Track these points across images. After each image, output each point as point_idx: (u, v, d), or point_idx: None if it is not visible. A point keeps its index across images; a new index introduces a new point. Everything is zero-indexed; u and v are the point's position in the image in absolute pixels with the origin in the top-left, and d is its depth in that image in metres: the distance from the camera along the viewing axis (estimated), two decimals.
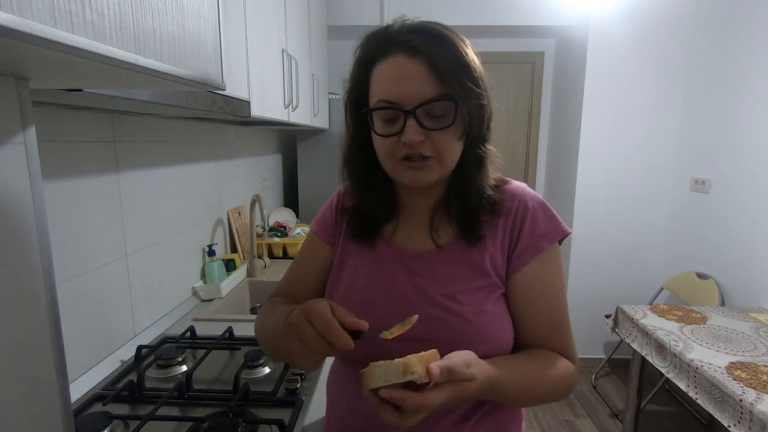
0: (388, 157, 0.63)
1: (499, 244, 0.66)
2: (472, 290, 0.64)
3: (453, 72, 0.58)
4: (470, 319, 0.62)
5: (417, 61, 0.57)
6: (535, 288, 0.65)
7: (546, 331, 0.66)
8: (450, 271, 0.65)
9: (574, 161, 2.65)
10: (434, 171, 0.62)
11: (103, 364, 1.03)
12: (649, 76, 2.51)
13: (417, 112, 0.58)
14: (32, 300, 0.44)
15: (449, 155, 0.62)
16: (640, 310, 1.88)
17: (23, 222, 0.43)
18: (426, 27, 0.60)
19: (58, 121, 0.91)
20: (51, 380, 0.47)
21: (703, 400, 1.39)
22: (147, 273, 1.22)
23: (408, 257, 0.68)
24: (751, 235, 2.04)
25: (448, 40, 0.59)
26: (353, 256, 0.72)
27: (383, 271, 0.69)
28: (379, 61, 0.61)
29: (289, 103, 1.60)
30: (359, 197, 0.71)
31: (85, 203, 0.98)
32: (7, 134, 0.41)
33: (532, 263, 0.65)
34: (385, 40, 0.61)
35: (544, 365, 0.63)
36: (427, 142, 0.59)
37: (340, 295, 0.70)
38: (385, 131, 0.61)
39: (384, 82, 0.60)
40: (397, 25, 0.61)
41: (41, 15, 0.26)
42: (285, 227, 2.19)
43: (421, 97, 0.58)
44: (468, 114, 0.59)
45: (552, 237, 0.65)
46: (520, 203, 0.67)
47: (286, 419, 0.83)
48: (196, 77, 0.48)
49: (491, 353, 0.61)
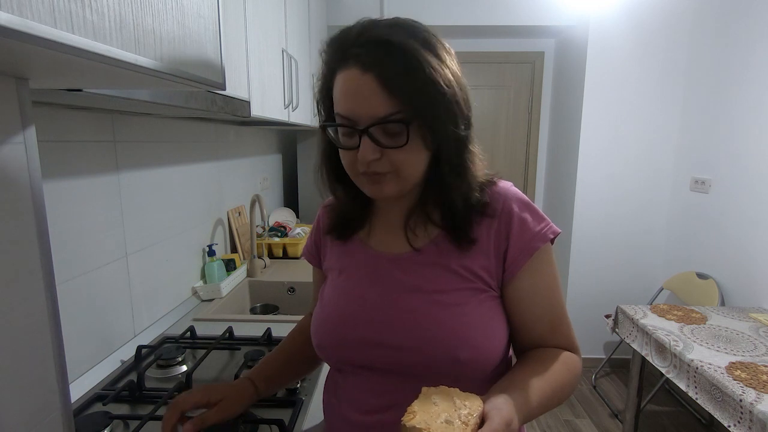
0: (349, 169, 0.62)
1: (490, 248, 0.64)
2: (454, 291, 0.62)
3: (402, 89, 0.54)
4: (450, 323, 0.60)
5: (369, 77, 0.54)
6: (535, 290, 0.64)
7: (549, 330, 0.66)
8: (428, 274, 0.64)
9: (574, 161, 2.65)
10: (393, 185, 0.60)
11: (103, 364, 1.03)
12: (649, 76, 2.51)
13: (371, 130, 0.56)
14: (32, 300, 0.44)
15: (408, 170, 0.59)
16: (640, 310, 1.88)
17: (23, 222, 0.43)
18: (380, 37, 0.55)
19: (58, 121, 0.91)
20: (51, 380, 0.47)
21: (703, 400, 1.39)
22: (147, 273, 1.22)
23: (386, 260, 0.67)
24: (751, 235, 2.04)
25: (405, 51, 0.54)
26: (334, 266, 0.73)
27: (361, 274, 0.68)
28: (338, 71, 0.58)
29: (289, 103, 1.60)
30: (334, 197, 0.72)
31: (85, 203, 0.98)
32: (7, 134, 0.41)
33: (528, 265, 0.63)
34: (341, 50, 0.57)
35: (558, 372, 0.62)
36: (383, 158, 0.57)
37: (323, 306, 0.70)
38: (345, 143, 0.60)
39: (340, 96, 0.57)
40: (354, 31, 0.57)
41: (41, 15, 0.26)
42: (285, 227, 2.19)
43: (373, 116, 0.55)
44: (427, 130, 0.56)
45: (544, 237, 0.64)
46: (505, 206, 0.64)
47: (286, 419, 0.83)
48: (196, 77, 0.48)
49: (473, 358, 0.59)
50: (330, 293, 0.70)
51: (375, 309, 0.64)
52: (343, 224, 0.71)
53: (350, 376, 0.68)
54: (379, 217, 0.71)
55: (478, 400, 0.51)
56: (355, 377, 0.67)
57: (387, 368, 0.63)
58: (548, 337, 0.66)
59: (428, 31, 0.59)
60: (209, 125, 1.63)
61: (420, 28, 0.58)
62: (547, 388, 0.59)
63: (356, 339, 0.64)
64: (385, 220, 0.70)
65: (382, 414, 0.64)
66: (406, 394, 0.60)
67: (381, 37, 0.55)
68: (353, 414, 0.66)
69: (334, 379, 0.74)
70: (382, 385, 0.64)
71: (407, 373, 0.62)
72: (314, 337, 0.69)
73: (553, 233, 0.65)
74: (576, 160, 2.63)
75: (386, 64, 0.54)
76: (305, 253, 0.82)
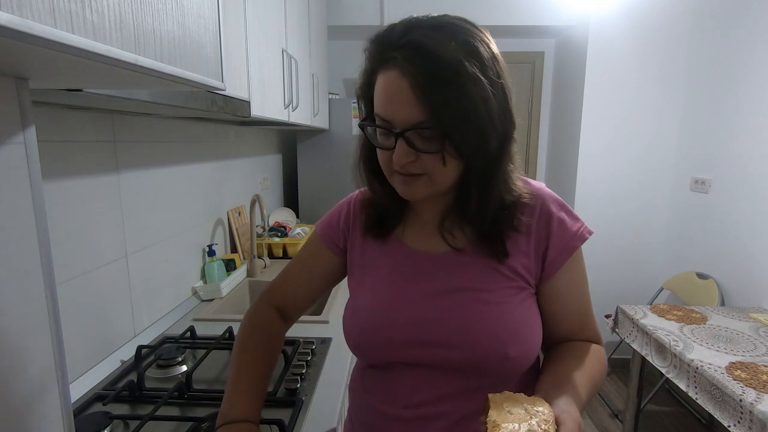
0: (385, 168, 0.62)
1: (530, 248, 0.65)
2: (499, 290, 0.63)
3: (434, 101, 0.53)
4: (498, 321, 0.61)
5: (407, 81, 0.53)
6: (569, 287, 0.66)
7: (579, 324, 0.68)
8: (471, 273, 0.64)
9: (574, 161, 2.65)
10: (425, 188, 0.60)
11: (103, 364, 1.03)
12: (649, 76, 2.51)
13: (406, 134, 0.56)
14: (32, 300, 0.44)
15: (440, 176, 0.59)
16: (640, 310, 1.88)
17: (23, 222, 0.43)
18: (420, 41, 0.53)
19: (58, 121, 0.91)
20: (51, 380, 0.47)
21: (703, 400, 1.39)
22: (147, 273, 1.22)
23: (426, 259, 0.67)
24: (751, 235, 2.04)
25: (442, 60, 0.52)
26: (366, 264, 0.71)
27: (401, 274, 0.67)
28: (379, 71, 0.57)
29: (289, 103, 1.60)
30: (372, 192, 0.71)
31: (85, 203, 0.98)
32: (7, 134, 0.41)
33: (566, 264, 0.65)
34: (382, 50, 0.57)
35: (594, 366, 0.64)
36: (417, 161, 0.57)
37: (360, 307, 0.68)
38: (381, 142, 0.60)
39: (379, 97, 0.57)
40: (397, 32, 0.55)
41: (41, 15, 0.26)
42: (285, 227, 2.19)
43: (409, 121, 0.55)
44: (460, 141, 0.55)
45: (582, 236, 0.66)
46: (543, 207, 0.66)
47: (286, 419, 0.83)
48: (196, 77, 0.48)
49: (520, 354, 0.61)
50: (367, 293, 0.69)
51: (421, 308, 0.64)
52: (379, 222, 0.71)
53: (387, 372, 0.67)
54: (414, 215, 0.71)
55: (545, 403, 0.51)
56: (392, 373, 0.66)
57: (432, 365, 0.63)
58: (577, 331, 0.68)
59: (474, 33, 0.56)
60: (209, 125, 1.63)
61: (464, 31, 0.55)
62: (588, 383, 0.61)
63: (403, 339, 0.63)
64: (420, 219, 0.70)
65: (422, 409, 0.64)
66: (447, 390, 0.63)
67: (420, 41, 0.53)
68: (389, 408, 0.66)
69: (365, 373, 0.72)
70: (424, 381, 0.64)
71: (451, 369, 0.63)
72: (351, 338, 0.68)
73: (589, 233, 0.67)
74: (576, 160, 2.63)
75: (421, 72, 0.53)
76: (322, 234, 0.77)
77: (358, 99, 0.65)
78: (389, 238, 0.71)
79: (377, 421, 0.68)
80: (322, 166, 2.64)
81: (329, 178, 2.65)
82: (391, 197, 0.67)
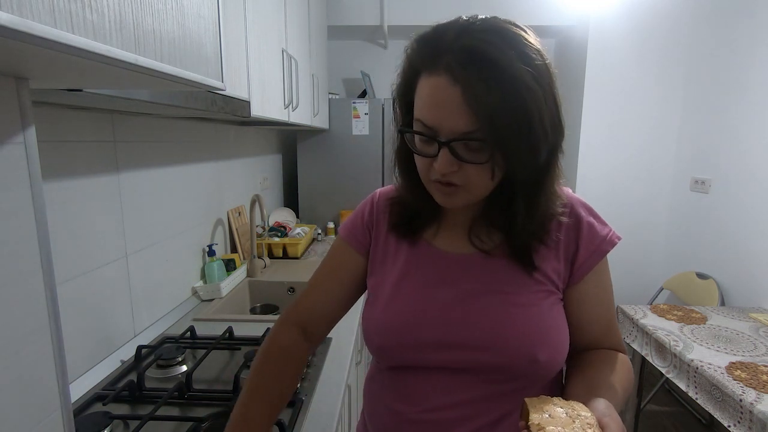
0: (423, 175, 0.60)
1: (559, 252, 0.64)
2: (528, 293, 0.62)
3: (487, 110, 0.50)
4: (529, 324, 0.60)
5: (458, 90, 0.50)
6: (597, 292, 0.65)
7: (604, 332, 0.67)
8: (502, 276, 0.64)
9: (574, 161, 2.65)
10: (463, 198, 0.59)
11: (103, 364, 1.03)
12: (648, 76, 2.51)
13: (452, 144, 0.53)
14: (32, 300, 0.44)
15: (479, 187, 0.57)
16: (640, 310, 1.88)
17: (23, 222, 0.43)
18: (475, 46, 0.50)
19: (58, 121, 0.91)
20: (51, 380, 0.47)
21: (703, 400, 1.39)
22: (147, 273, 1.22)
23: (456, 261, 0.66)
24: (751, 235, 2.04)
25: (498, 67, 0.49)
26: (390, 264, 0.70)
27: (431, 275, 0.66)
28: (424, 74, 0.54)
29: (289, 103, 1.60)
30: (406, 193, 0.68)
31: (85, 203, 0.98)
32: (7, 134, 0.41)
33: (594, 269, 0.64)
34: (433, 53, 0.53)
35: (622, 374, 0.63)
36: (460, 171, 0.55)
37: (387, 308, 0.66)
38: (421, 149, 0.58)
39: (424, 102, 0.54)
40: (450, 34, 0.52)
41: (41, 15, 0.26)
42: (285, 227, 2.19)
43: (457, 131, 0.52)
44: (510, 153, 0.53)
45: (611, 241, 0.65)
46: (573, 211, 0.65)
47: (286, 419, 0.83)
48: (196, 77, 0.48)
49: (549, 358, 0.60)
50: (395, 293, 0.67)
51: (450, 310, 0.63)
52: (408, 221, 0.69)
53: (408, 374, 0.66)
54: (445, 218, 0.69)
55: (585, 407, 0.51)
56: (414, 375, 0.65)
57: (458, 368, 0.62)
58: (601, 338, 0.67)
59: (528, 40, 0.53)
60: (209, 125, 1.63)
61: (520, 38, 0.52)
62: (619, 390, 0.60)
63: (432, 340, 0.62)
64: (450, 222, 0.69)
65: (446, 411, 0.63)
66: (471, 394, 0.62)
67: (476, 46, 0.50)
68: (409, 411, 0.65)
69: (384, 375, 0.70)
70: (449, 384, 0.63)
71: (478, 373, 0.62)
72: (375, 339, 0.66)
73: (618, 238, 0.66)
74: (576, 160, 2.63)
75: (475, 79, 0.49)
76: (346, 234, 0.75)
77: (393, 99, 0.62)
78: (417, 238, 0.69)
79: (395, 424, 0.66)
80: (322, 166, 2.64)
81: (329, 178, 2.65)
82: (426, 201, 0.65)
